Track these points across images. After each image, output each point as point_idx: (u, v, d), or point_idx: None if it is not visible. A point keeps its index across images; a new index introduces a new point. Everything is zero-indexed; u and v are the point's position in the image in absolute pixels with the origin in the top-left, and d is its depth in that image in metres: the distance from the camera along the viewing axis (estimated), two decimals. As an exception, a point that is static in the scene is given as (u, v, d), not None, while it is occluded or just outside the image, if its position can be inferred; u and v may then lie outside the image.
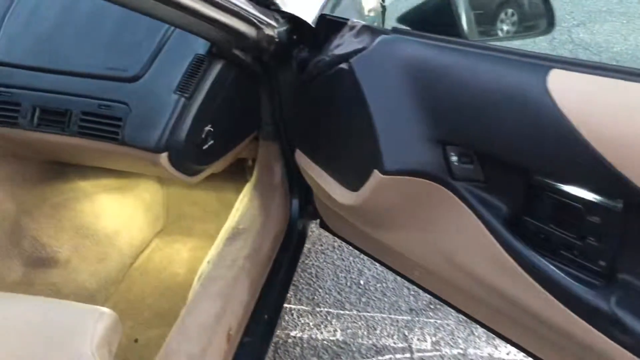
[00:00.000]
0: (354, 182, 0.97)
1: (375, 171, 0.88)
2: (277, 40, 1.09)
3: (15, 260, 1.29)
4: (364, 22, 1.02)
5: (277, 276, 1.26)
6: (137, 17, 1.14)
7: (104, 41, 1.12)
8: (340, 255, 1.78)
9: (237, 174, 1.55)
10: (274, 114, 1.28)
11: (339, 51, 1.03)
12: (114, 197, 1.49)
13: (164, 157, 1.04)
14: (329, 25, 1.09)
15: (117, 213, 1.48)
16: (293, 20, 1.13)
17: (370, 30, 0.98)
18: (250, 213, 1.26)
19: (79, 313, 0.74)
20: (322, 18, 1.11)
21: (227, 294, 1.05)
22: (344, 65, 0.97)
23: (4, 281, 1.27)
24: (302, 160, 1.18)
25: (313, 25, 1.14)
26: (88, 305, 0.76)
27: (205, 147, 1.11)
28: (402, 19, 1.01)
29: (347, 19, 1.07)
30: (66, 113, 1.09)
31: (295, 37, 1.15)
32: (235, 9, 0.94)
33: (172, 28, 1.09)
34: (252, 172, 1.40)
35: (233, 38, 0.99)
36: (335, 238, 1.88)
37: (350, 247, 1.86)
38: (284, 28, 1.11)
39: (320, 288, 1.65)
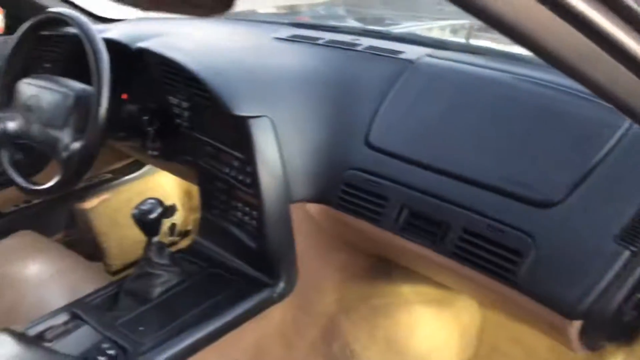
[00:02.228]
0: None
1: None
2: None
3: (322, 363, 1.13)
4: None
5: None
6: (556, 116, 0.89)
7: (505, 145, 0.88)
8: None
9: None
10: None
11: None
12: (431, 311, 1.25)
13: (575, 325, 0.73)
14: None
15: (432, 331, 1.23)
16: None
17: None
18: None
19: None
20: None
21: None
22: None
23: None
24: None
25: None
26: None
27: (626, 318, 0.77)
28: None
29: None
30: (442, 225, 0.87)
31: None
32: None
33: (616, 139, 0.79)
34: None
35: None
36: None
37: None
38: None
39: None
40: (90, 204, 1.65)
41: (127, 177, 1.75)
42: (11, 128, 1.20)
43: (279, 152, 1.00)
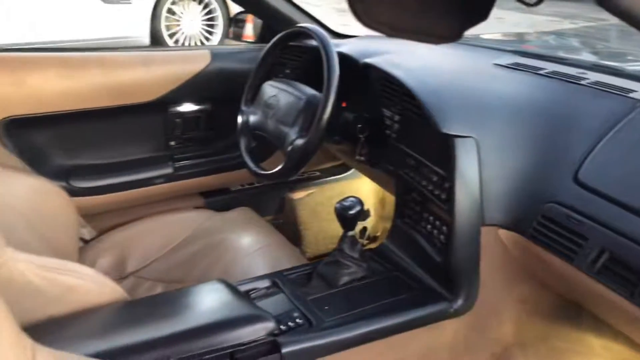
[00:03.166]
0: None
1: None
2: None
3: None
4: None
5: None
6: None
7: None
8: None
9: None
10: None
11: None
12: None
13: None
14: None
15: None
16: None
17: None
18: None
19: None
20: None
21: None
22: None
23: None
24: None
25: None
26: None
27: None
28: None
29: None
30: (644, 274, 0.81)
31: None
32: None
33: None
34: None
35: None
36: None
37: None
38: None
39: None
40: (298, 195, 1.86)
41: (332, 177, 1.93)
42: (252, 120, 1.44)
43: (479, 174, 1.02)
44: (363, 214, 1.16)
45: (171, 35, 5.22)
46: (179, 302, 0.98)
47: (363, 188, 1.93)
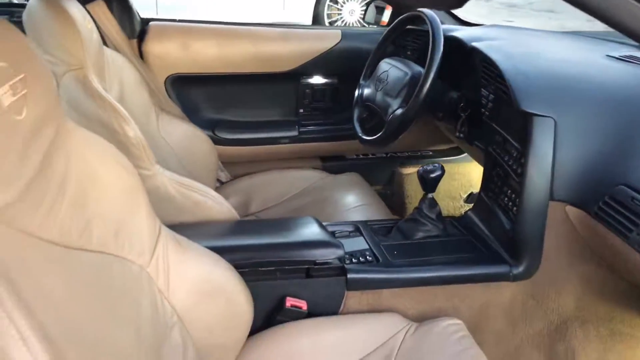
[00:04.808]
0: None
1: None
2: None
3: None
4: None
5: None
6: None
7: None
8: None
9: None
10: None
11: None
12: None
13: None
14: None
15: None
16: None
17: None
18: None
19: None
20: None
21: None
22: None
23: None
24: None
25: None
26: None
27: None
28: None
29: None
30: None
31: None
32: None
33: None
34: None
35: None
36: None
37: None
38: None
39: None
40: (408, 170, 2.00)
41: (443, 158, 2.04)
42: (365, 93, 1.63)
43: (553, 151, 1.09)
44: (470, 197, 1.27)
45: (331, 23, 5.58)
46: (275, 225, 1.22)
47: (474, 172, 2.01)
